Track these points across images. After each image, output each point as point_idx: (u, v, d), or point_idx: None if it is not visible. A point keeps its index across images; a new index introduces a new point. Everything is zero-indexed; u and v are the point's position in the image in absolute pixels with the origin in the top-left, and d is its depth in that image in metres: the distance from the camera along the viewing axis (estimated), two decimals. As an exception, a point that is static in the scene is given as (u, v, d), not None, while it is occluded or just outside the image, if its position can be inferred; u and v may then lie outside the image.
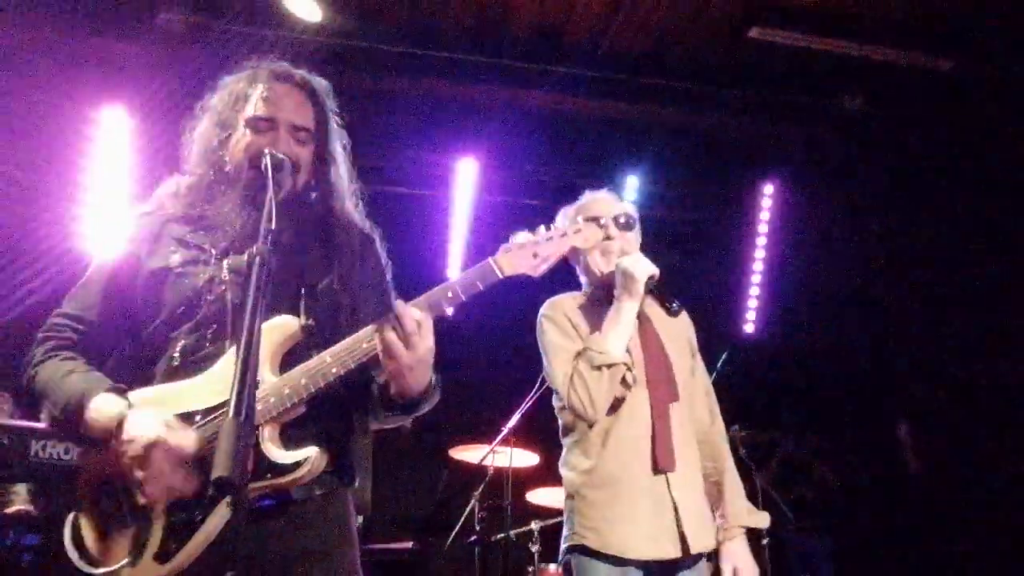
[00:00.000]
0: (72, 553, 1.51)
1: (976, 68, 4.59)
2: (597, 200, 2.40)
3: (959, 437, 5.19)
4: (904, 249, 5.46)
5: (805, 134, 5.25)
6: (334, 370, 1.52)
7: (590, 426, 2.17)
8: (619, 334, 2.13)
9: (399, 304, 1.52)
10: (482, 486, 4.26)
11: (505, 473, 4.19)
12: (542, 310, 2.32)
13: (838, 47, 4.55)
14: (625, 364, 2.12)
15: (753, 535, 2.32)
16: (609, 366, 2.09)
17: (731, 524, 2.25)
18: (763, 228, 5.82)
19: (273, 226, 1.38)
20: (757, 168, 5.65)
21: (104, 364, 1.68)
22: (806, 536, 4.98)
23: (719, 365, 4.57)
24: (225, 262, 1.63)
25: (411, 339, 1.49)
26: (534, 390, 4.12)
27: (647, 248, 2.42)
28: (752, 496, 4.34)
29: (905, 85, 4.78)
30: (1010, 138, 4.80)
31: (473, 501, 4.26)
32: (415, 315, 1.52)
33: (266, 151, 1.58)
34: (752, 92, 4.93)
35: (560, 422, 2.33)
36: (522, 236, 1.64)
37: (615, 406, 2.15)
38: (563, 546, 2.19)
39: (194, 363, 1.57)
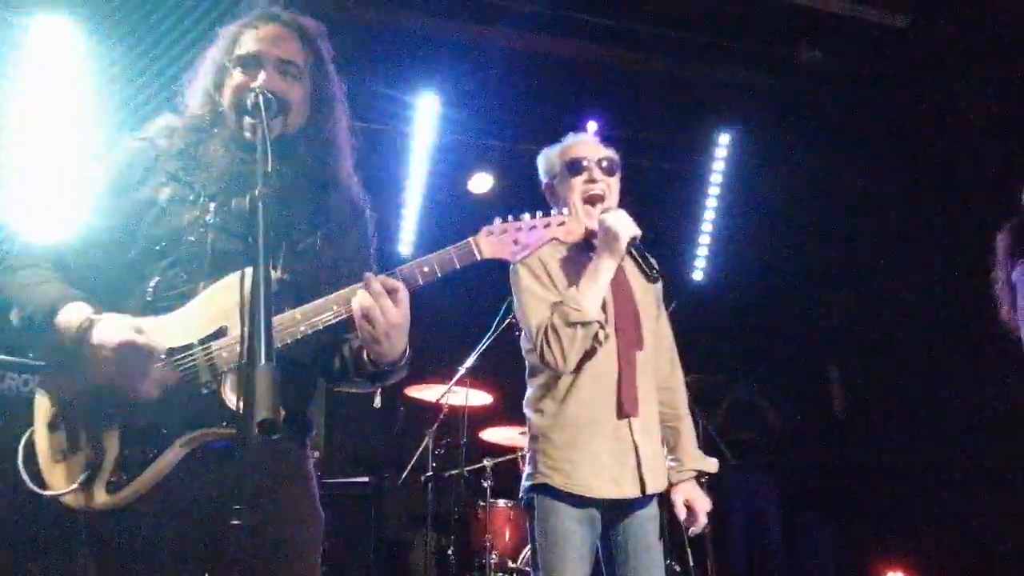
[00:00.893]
0: (23, 474, 1.54)
1: (929, 25, 4.68)
2: (581, 143, 2.42)
3: (883, 381, 5.48)
4: (850, 202, 5.63)
5: (763, 85, 5.31)
6: (302, 328, 1.53)
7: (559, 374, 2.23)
8: (596, 292, 2.18)
9: (374, 276, 1.54)
10: (436, 424, 4.36)
11: (459, 412, 4.29)
12: None
13: (799, -2, 4.60)
14: (599, 323, 2.18)
15: (703, 477, 2.44)
16: (584, 324, 2.14)
17: (685, 467, 2.36)
18: (717, 178, 5.91)
19: (270, 168, 1.38)
20: (714, 117, 5.70)
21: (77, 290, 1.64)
22: (753, 476, 5.24)
23: (668, 311, 4.69)
24: (211, 204, 1.62)
25: (387, 306, 1.51)
26: (490, 331, 4.19)
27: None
28: (698, 438, 4.56)
29: (861, 39, 4.86)
30: (960, 95, 4.94)
31: (428, 439, 4.37)
32: (392, 284, 1.54)
33: (255, 87, 1.55)
34: (714, 40, 4.94)
35: (527, 363, 2.39)
36: (504, 221, 1.64)
37: (584, 356, 2.21)
38: (525, 484, 2.27)
39: (167, 300, 1.57)
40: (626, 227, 2.19)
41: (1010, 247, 2.68)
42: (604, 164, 2.35)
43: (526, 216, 1.65)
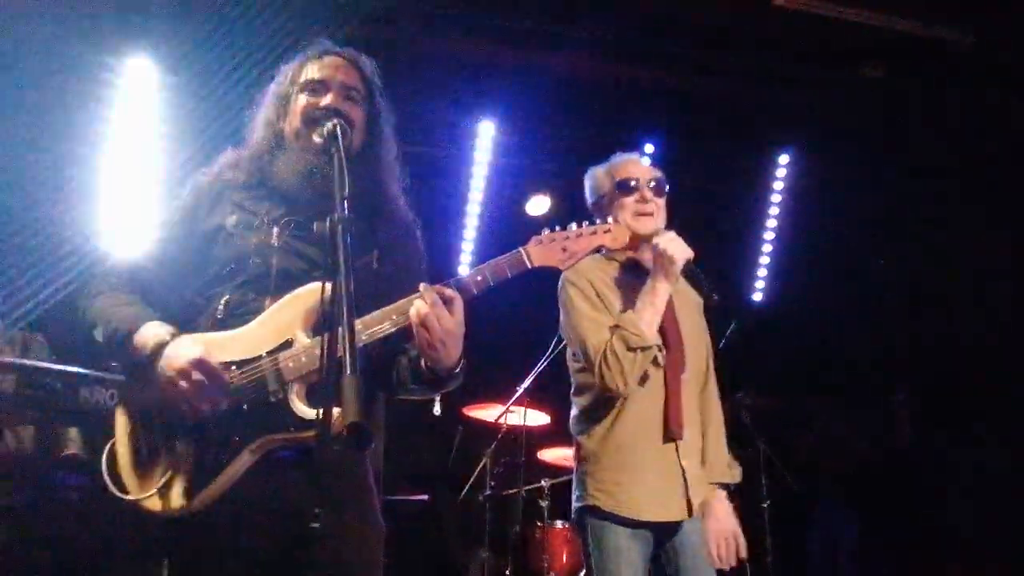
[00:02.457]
0: (107, 479, 1.64)
1: (996, 44, 4.57)
2: (630, 162, 2.46)
3: (955, 408, 5.29)
4: (911, 223, 5.49)
5: (824, 103, 5.24)
6: (363, 337, 1.60)
7: (614, 397, 2.25)
8: (653, 315, 2.21)
9: (429, 286, 1.61)
10: (495, 444, 4.40)
11: (517, 432, 4.32)
12: (565, 275, 2.35)
13: (860, 16, 4.54)
14: (658, 346, 2.22)
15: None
16: (644, 348, 2.17)
17: (711, 479, 2.33)
18: (776, 198, 5.85)
19: (347, 192, 1.47)
20: (773, 137, 5.65)
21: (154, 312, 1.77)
22: (833, 506, 5.12)
23: (728, 333, 4.65)
24: (275, 229, 1.73)
25: (443, 314, 1.58)
26: (548, 352, 4.22)
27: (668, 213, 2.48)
28: (754, 461, 4.49)
29: (925, 57, 4.76)
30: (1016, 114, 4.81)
31: (485, 458, 4.41)
32: (448, 293, 1.61)
33: (336, 121, 1.65)
34: (773, 60, 4.92)
35: (574, 383, 2.41)
36: (553, 230, 1.71)
37: (643, 379, 2.24)
38: (575, 505, 2.30)
39: (236, 317, 1.68)
40: (681, 250, 2.22)
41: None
42: (653, 184, 2.38)
43: (573, 225, 1.72)
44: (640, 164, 2.47)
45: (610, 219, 1.77)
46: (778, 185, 5.82)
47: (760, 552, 4.29)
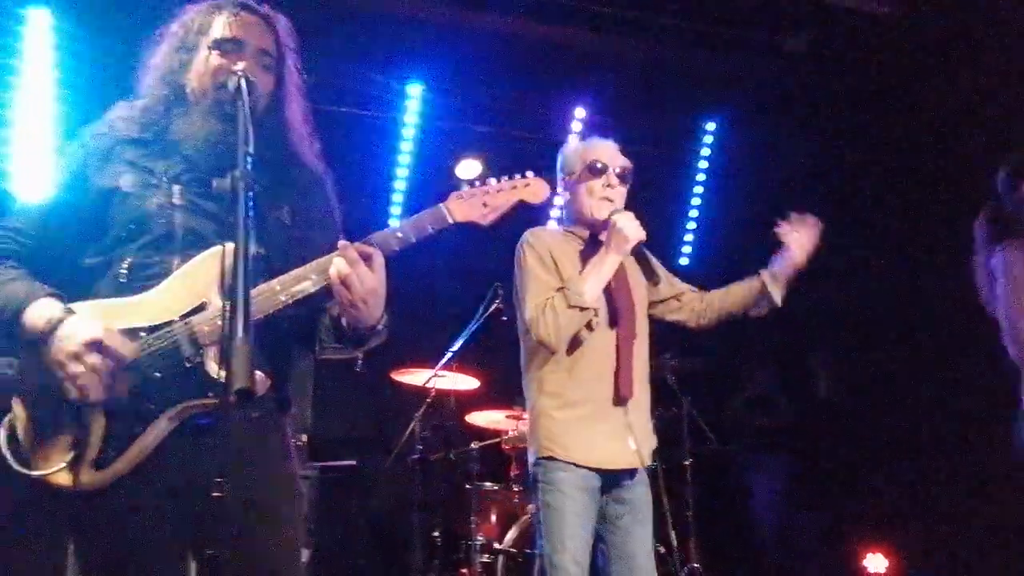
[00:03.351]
0: (7, 454, 1.56)
1: (912, 14, 4.72)
2: (604, 147, 2.56)
3: (868, 368, 5.56)
4: (833, 190, 5.67)
5: (750, 73, 5.33)
6: (282, 298, 1.57)
7: (552, 353, 2.37)
8: (597, 282, 2.34)
9: (348, 243, 1.59)
10: (423, 408, 4.40)
11: (446, 396, 4.33)
12: (525, 237, 2.48)
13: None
14: (595, 311, 2.34)
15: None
16: (582, 309, 2.29)
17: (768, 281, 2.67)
18: (703, 164, 5.95)
19: (251, 149, 1.41)
20: (702, 104, 5.73)
21: (46, 280, 1.67)
22: (759, 461, 5.33)
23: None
24: (175, 187, 1.65)
25: (363, 272, 1.56)
26: (477, 316, 4.23)
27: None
28: (678, 420, 4.63)
29: (846, 28, 4.89)
30: (943, 84, 4.99)
31: (414, 423, 4.40)
32: (368, 250, 1.59)
33: (238, 71, 1.57)
34: (701, 26, 4.97)
35: (523, 347, 2.51)
36: (472, 185, 1.72)
37: (578, 341, 2.37)
38: (531, 459, 2.42)
39: (141, 280, 1.60)
40: (635, 230, 2.37)
41: (987, 233, 2.73)
42: (619, 171, 2.51)
43: (492, 180, 1.73)
44: (612, 150, 2.57)
45: (530, 172, 1.80)
46: (705, 151, 5.92)
47: (682, 508, 4.44)
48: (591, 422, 2.35)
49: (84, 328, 1.50)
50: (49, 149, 4.04)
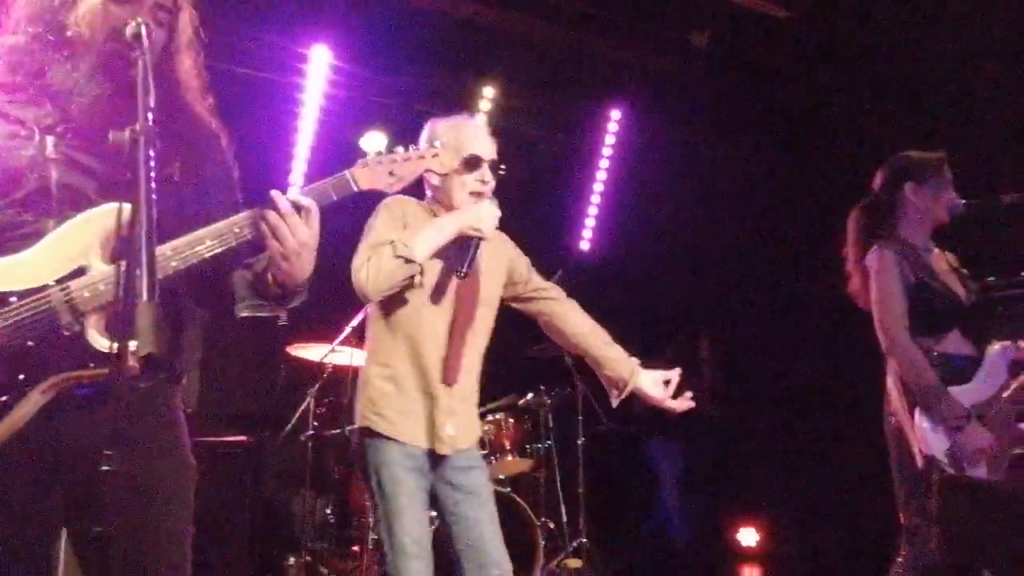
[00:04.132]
0: None
1: (808, 17, 4.97)
2: (480, 139, 2.47)
3: (749, 353, 5.86)
4: (730, 183, 5.91)
5: (657, 65, 5.47)
6: (174, 263, 1.49)
7: (387, 318, 2.33)
8: (430, 244, 2.26)
9: (280, 193, 1.53)
10: (319, 384, 4.32)
11: (343, 371, 4.26)
12: (385, 201, 2.38)
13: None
14: (420, 267, 2.25)
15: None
16: (407, 260, 2.21)
17: (626, 378, 2.58)
18: (607, 151, 6.06)
19: (152, 103, 1.33)
20: (608, 92, 5.83)
21: None
22: (647, 442, 5.49)
23: (554, 280, 4.82)
24: (49, 139, 1.53)
25: (296, 224, 1.51)
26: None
27: (499, 160, 2.54)
28: (573, 401, 4.74)
29: (747, 27, 5.09)
30: (832, 84, 5.28)
31: (309, 398, 4.32)
32: (303, 202, 1.54)
33: (139, 20, 1.45)
34: (613, 16, 5.05)
35: (368, 313, 2.47)
36: (379, 153, 1.68)
37: (412, 314, 2.33)
38: (350, 428, 2.41)
39: (11, 241, 1.47)
40: (486, 222, 2.31)
41: (862, 229, 2.89)
42: (493, 165, 2.46)
43: (400, 149, 1.70)
44: (488, 142, 2.49)
45: (438, 143, 1.78)
46: (609, 139, 6.03)
47: (574, 486, 4.57)
48: (416, 397, 2.31)
49: None
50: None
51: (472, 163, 2.40)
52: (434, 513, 2.44)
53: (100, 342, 1.45)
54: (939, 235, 2.91)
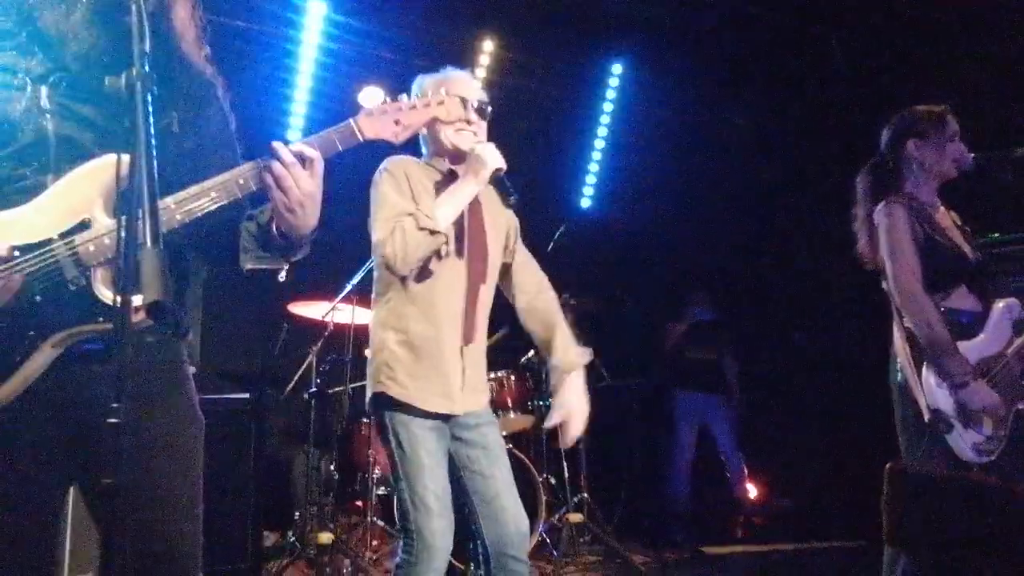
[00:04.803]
0: None
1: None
2: (460, 81, 2.44)
3: (741, 307, 5.86)
4: (731, 136, 5.85)
5: (657, 16, 5.36)
6: (178, 217, 1.45)
7: (402, 280, 2.30)
8: (452, 208, 2.27)
9: (282, 143, 1.50)
10: (321, 341, 4.32)
11: (345, 329, 4.26)
12: (384, 164, 2.37)
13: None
14: (446, 237, 2.27)
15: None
16: (432, 232, 2.21)
17: (565, 370, 2.48)
18: (608, 107, 5.98)
19: (148, 48, 1.28)
20: (608, 46, 5.73)
21: None
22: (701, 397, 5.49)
23: (556, 237, 4.80)
24: (43, 88, 1.49)
25: (300, 174, 1.49)
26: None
27: (499, 117, 2.50)
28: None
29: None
30: (840, 33, 5.19)
31: (311, 356, 4.32)
32: (307, 152, 1.50)
33: None
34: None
35: (376, 276, 2.43)
36: (384, 102, 1.63)
37: (426, 274, 2.31)
38: (369, 391, 2.36)
39: (10, 194, 1.44)
40: (494, 158, 2.29)
41: (869, 188, 2.86)
42: (478, 106, 2.39)
43: (404, 96, 1.65)
44: (470, 84, 2.47)
45: (443, 90, 1.73)
46: (610, 94, 5.94)
47: (576, 442, 4.59)
48: (432, 361, 2.29)
49: None
50: None
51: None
52: None
53: (107, 295, 1.42)
54: (949, 189, 2.88)
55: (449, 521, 2.23)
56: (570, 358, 2.50)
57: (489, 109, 2.44)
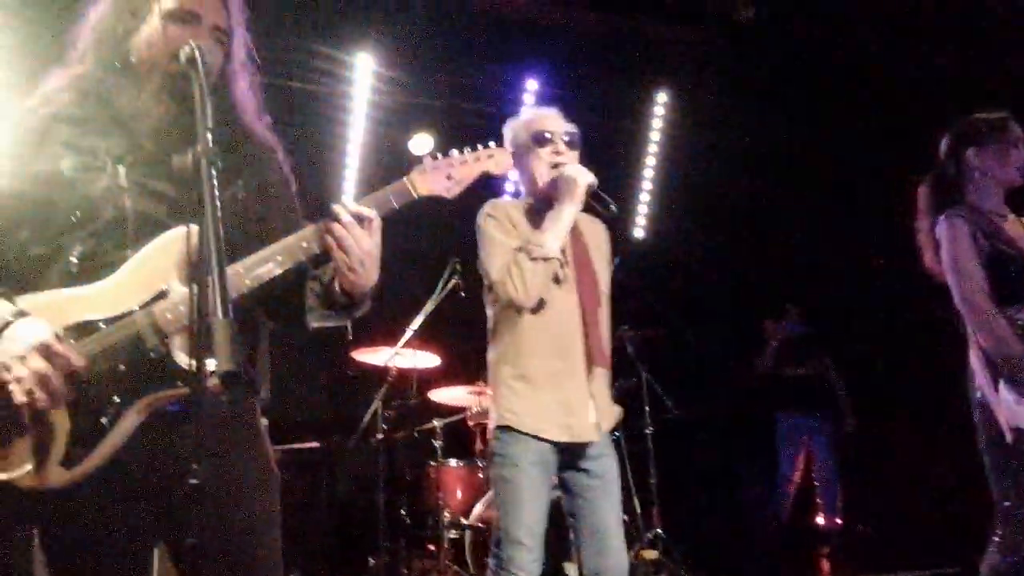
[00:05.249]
0: None
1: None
2: (547, 117, 2.55)
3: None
4: (786, 159, 5.77)
5: (701, 43, 5.37)
6: (247, 281, 1.52)
7: (520, 313, 2.35)
8: (557, 233, 2.33)
9: (343, 206, 1.56)
10: (385, 387, 4.39)
11: (407, 374, 4.32)
12: (485, 208, 2.47)
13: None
14: (559, 260, 2.34)
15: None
16: (546, 259, 2.29)
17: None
18: (655, 136, 5.98)
19: (211, 124, 1.35)
20: (653, 76, 5.75)
21: None
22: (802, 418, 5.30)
23: (613, 268, 4.78)
24: (120, 168, 1.57)
25: (360, 235, 1.54)
26: (436, 292, 4.22)
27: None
28: (637, 390, 4.69)
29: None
30: (887, 54, 5.10)
31: (377, 402, 4.39)
32: (365, 212, 1.56)
33: (192, 44, 1.48)
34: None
35: (492, 313, 2.50)
36: (435, 157, 1.68)
37: (542, 305, 2.36)
38: (491, 426, 2.42)
39: (93, 269, 1.52)
40: (584, 175, 2.37)
41: (930, 200, 2.79)
42: (567, 138, 2.49)
43: (455, 152, 1.70)
44: (556, 119, 2.56)
45: (492, 143, 1.77)
46: (657, 123, 5.95)
47: (645, 476, 4.53)
48: (552, 393, 2.34)
49: (32, 332, 1.42)
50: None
51: (542, 139, 2.48)
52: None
53: (185, 361, 1.48)
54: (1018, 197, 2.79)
55: (538, 555, 2.28)
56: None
57: (578, 139, 2.53)
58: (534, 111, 2.61)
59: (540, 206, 2.47)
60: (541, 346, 2.36)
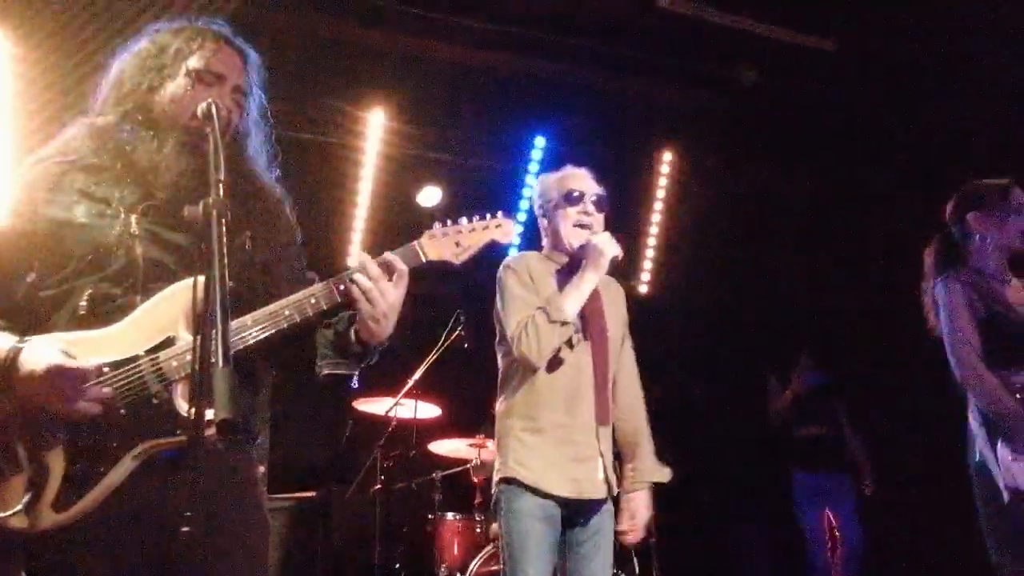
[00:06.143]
0: None
1: (855, 48, 4.93)
2: (579, 176, 2.65)
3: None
4: (788, 217, 5.83)
5: (706, 104, 5.49)
6: (254, 333, 1.56)
7: (533, 371, 2.40)
8: (577, 299, 2.40)
9: (369, 257, 1.62)
10: (385, 437, 4.36)
11: (407, 425, 4.30)
12: (507, 261, 2.55)
13: (737, 22, 4.81)
14: (575, 327, 2.40)
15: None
16: (562, 324, 2.34)
17: (640, 479, 2.57)
18: (660, 193, 6.06)
19: (223, 177, 1.40)
20: (658, 135, 5.85)
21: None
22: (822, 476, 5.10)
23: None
24: (133, 217, 1.61)
25: (387, 287, 1.60)
26: (439, 344, 4.23)
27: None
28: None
29: (794, 62, 5.07)
30: (889, 114, 5.20)
31: (376, 452, 4.36)
32: (396, 265, 1.62)
33: (210, 101, 1.56)
34: (658, 59, 5.10)
35: (504, 366, 2.55)
36: (445, 224, 1.75)
37: (556, 362, 2.42)
38: (495, 478, 2.44)
39: (102, 314, 1.55)
40: (611, 247, 2.46)
41: (934, 262, 2.82)
42: (595, 199, 2.60)
43: (464, 220, 1.76)
44: (587, 179, 2.65)
45: (500, 213, 1.82)
46: (662, 181, 6.03)
47: (645, 533, 4.46)
48: (562, 448, 2.37)
49: (42, 356, 1.45)
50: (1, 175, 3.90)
51: (571, 198, 2.56)
52: None
53: (185, 408, 1.50)
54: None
55: None
56: (650, 467, 2.58)
57: (606, 202, 2.62)
58: (567, 169, 2.68)
59: (562, 262, 2.55)
60: (552, 401, 2.40)
